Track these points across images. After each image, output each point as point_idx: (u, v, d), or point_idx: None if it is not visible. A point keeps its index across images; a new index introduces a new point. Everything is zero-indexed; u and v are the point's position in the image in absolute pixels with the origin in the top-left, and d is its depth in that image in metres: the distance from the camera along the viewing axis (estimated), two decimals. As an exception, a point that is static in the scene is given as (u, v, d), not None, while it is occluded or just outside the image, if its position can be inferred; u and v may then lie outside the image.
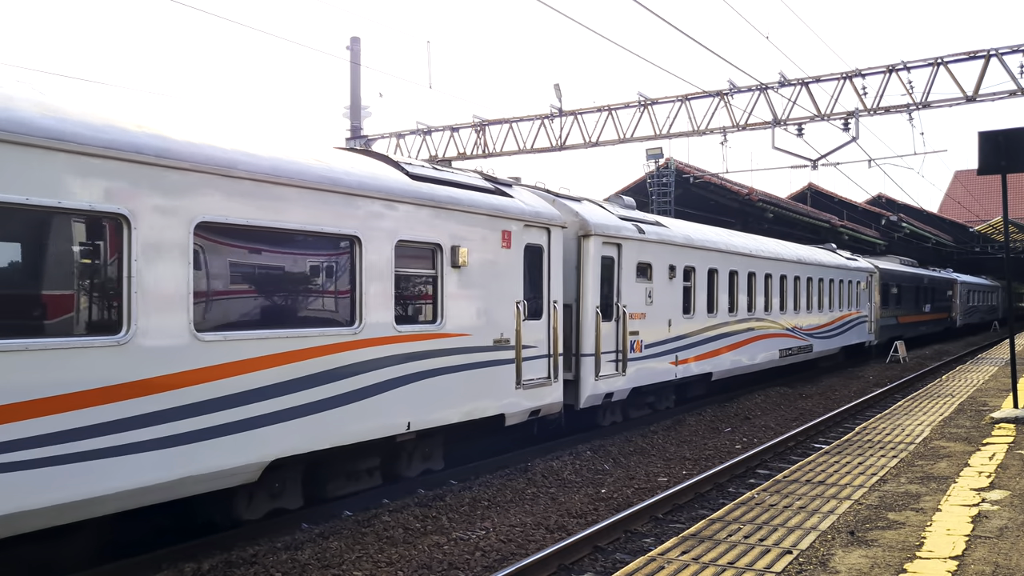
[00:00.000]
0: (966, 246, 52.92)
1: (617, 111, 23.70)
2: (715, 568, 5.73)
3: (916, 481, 8.29)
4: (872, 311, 29.78)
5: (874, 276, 30.18)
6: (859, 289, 28.06)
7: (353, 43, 26.56)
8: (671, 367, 15.98)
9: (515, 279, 11.51)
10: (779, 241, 23.74)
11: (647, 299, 14.96)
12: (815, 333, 23.84)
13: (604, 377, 13.74)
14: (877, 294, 30.40)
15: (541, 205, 12.40)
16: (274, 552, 7.99)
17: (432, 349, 9.98)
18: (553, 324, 12.26)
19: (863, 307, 28.66)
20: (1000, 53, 19.18)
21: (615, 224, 14.21)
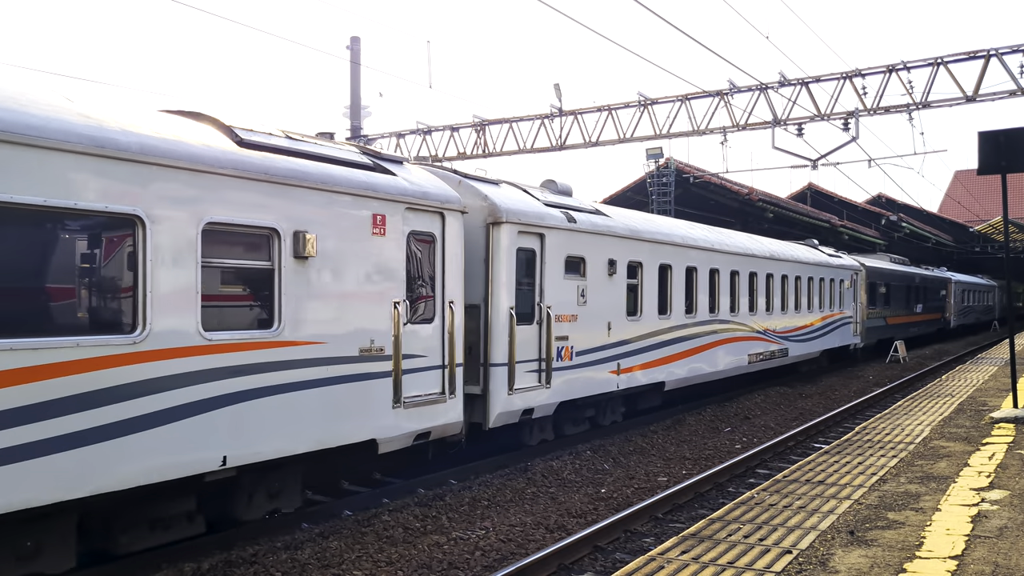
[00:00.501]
0: (966, 246, 52.93)
1: (617, 111, 23.71)
2: (715, 568, 5.73)
3: (916, 481, 8.29)
4: (858, 312, 28.07)
5: (860, 274, 28.62)
6: (843, 288, 26.38)
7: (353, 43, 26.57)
8: (612, 377, 13.96)
9: (393, 274, 9.45)
10: (751, 236, 21.88)
11: (579, 298, 13.01)
12: (792, 336, 22.05)
13: (521, 391, 11.73)
14: (863, 293, 28.89)
15: (432, 185, 10.34)
16: (274, 552, 8.00)
17: (265, 362, 7.92)
18: (449, 329, 10.27)
19: (847, 307, 26.88)
20: (1000, 53, 19.19)
21: (536, 211, 12.21)
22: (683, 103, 22.81)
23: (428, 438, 10.07)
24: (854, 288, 27.70)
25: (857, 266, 28.46)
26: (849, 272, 27.28)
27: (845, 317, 26.69)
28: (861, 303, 28.59)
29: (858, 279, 28.30)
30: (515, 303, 11.61)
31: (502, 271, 11.47)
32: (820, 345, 24.50)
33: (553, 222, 12.47)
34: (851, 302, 27.33)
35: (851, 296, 27.31)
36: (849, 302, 27.11)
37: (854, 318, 27.63)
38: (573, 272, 13.03)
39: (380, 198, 9.32)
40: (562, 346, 12.65)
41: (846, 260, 27.74)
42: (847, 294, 26.88)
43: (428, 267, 10.17)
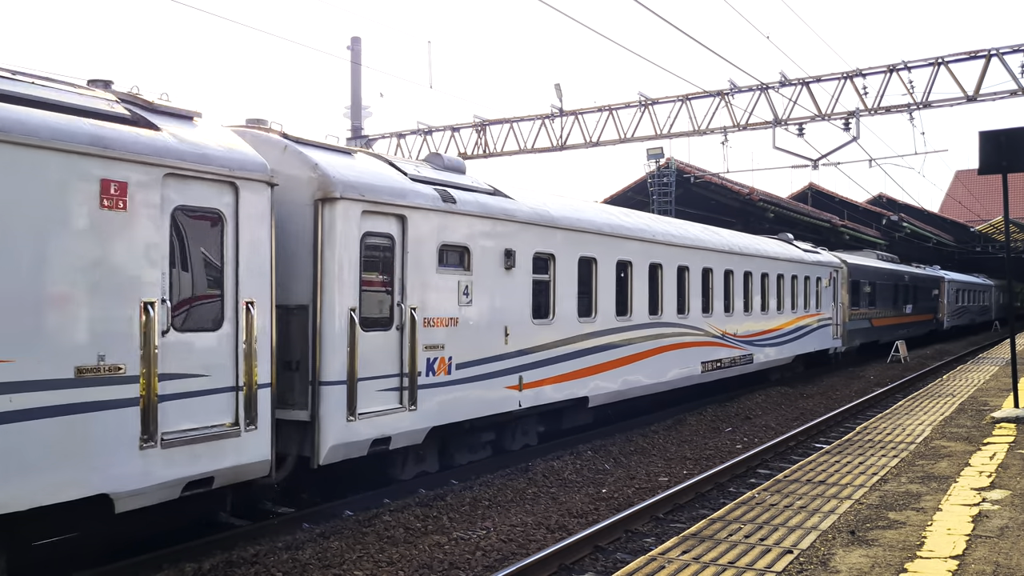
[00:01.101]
0: (967, 246, 52.89)
1: (618, 111, 23.71)
2: (716, 568, 5.73)
3: (917, 481, 8.29)
4: (838, 313, 25.98)
5: (840, 272, 26.50)
6: (821, 287, 24.23)
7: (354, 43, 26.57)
8: (510, 393, 11.55)
9: (142, 265, 7.04)
10: (708, 227, 19.48)
11: (461, 298, 10.62)
12: (758, 340, 19.83)
13: (369, 415, 9.25)
14: (845, 293, 26.96)
15: (219, 145, 7.82)
16: (275, 552, 8.01)
17: None
18: (247, 337, 7.80)
19: (826, 308, 24.68)
20: (1001, 53, 19.18)
21: (393, 186, 9.73)
22: (684, 103, 22.81)
23: (211, 485, 7.51)
24: (834, 287, 25.67)
25: (837, 263, 26.32)
26: (828, 270, 25.04)
27: (823, 319, 24.44)
28: (842, 303, 26.71)
29: (839, 277, 26.31)
30: (359, 303, 9.16)
31: (338, 262, 8.94)
32: (793, 350, 22.30)
33: (420, 201, 9.99)
34: (831, 302, 25.25)
35: (831, 296, 25.25)
36: (828, 302, 24.96)
37: (834, 320, 25.56)
38: (453, 265, 10.58)
39: (117, 158, 6.82)
40: (435, 357, 10.16)
41: (825, 256, 25.53)
42: (826, 294, 24.73)
43: (213, 256, 7.69)
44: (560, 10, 12.41)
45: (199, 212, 7.55)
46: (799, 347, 22.77)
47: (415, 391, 9.84)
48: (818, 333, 24.10)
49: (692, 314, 16.64)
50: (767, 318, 20.41)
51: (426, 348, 10.05)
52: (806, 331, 23.14)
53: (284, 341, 8.77)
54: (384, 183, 9.68)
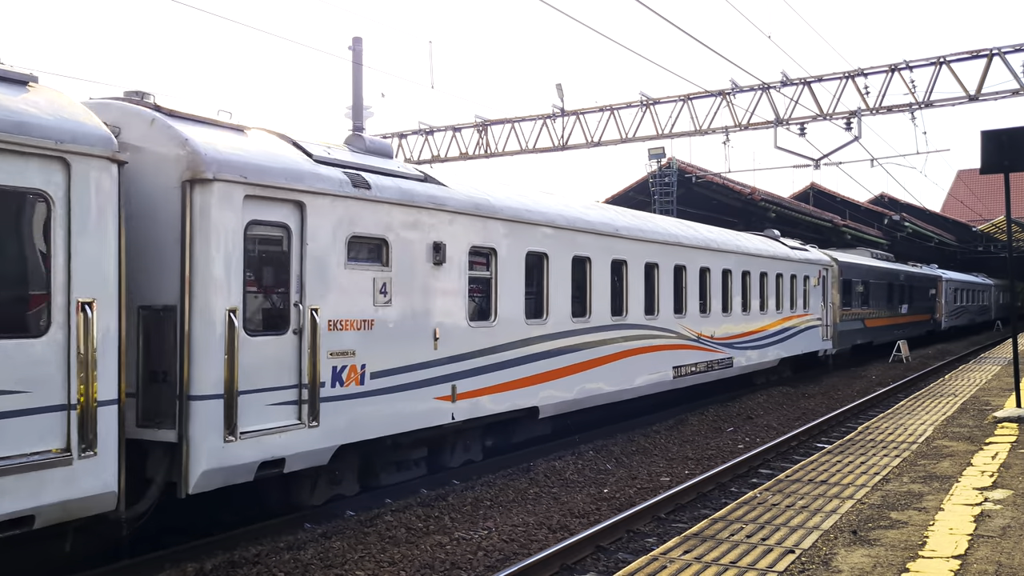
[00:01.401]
0: (969, 245, 52.84)
1: (619, 111, 23.72)
2: (717, 567, 5.73)
3: (919, 480, 8.28)
4: (828, 313, 24.62)
5: (830, 270, 25.25)
6: (809, 286, 23.00)
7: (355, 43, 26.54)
8: (441, 405, 10.30)
9: None
10: (681, 221, 18.41)
11: (378, 297, 9.36)
12: (738, 343, 18.63)
13: (256, 434, 7.89)
14: (836, 292, 25.71)
15: (43, 111, 6.50)
16: (277, 552, 8.01)
17: None
18: (82, 345, 6.48)
19: (815, 308, 23.32)
20: (1002, 52, 19.17)
21: (287, 168, 8.45)
22: (685, 103, 22.80)
23: (31, 525, 6.16)
24: (824, 286, 24.28)
25: (827, 261, 24.94)
26: (816, 268, 23.60)
27: (812, 320, 23.07)
28: (833, 303, 25.53)
29: (828, 276, 25.05)
30: (243, 304, 7.87)
31: (212, 255, 7.65)
32: (778, 352, 20.91)
33: (324, 186, 8.73)
34: (819, 302, 23.89)
35: (820, 295, 23.90)
36: (817, 302, 23.63)
37: (824, 320, 24.31)
38: (366, 259, 9.34)
39: None
40: (343, 365, 8.89)
41: (814, 254, 24.17)
42: (814, 293, 23.39)
43: (36, 248, 6.41)
44: (561, 10, 12.41)
45: (14, 193, 6.17)
46: (784, 349, 21.37)
47: (316, 405, 8.46)
48: (806, 335, 22.75)
49: (663, 315, 15.42)
50: (748, 319, 19.13)
51: (332, 355, 8.73)
52: (792, 332, 21.76)
53: (151, 348, 7.63)
54: (276, 164, 8.35)
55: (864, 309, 29.11)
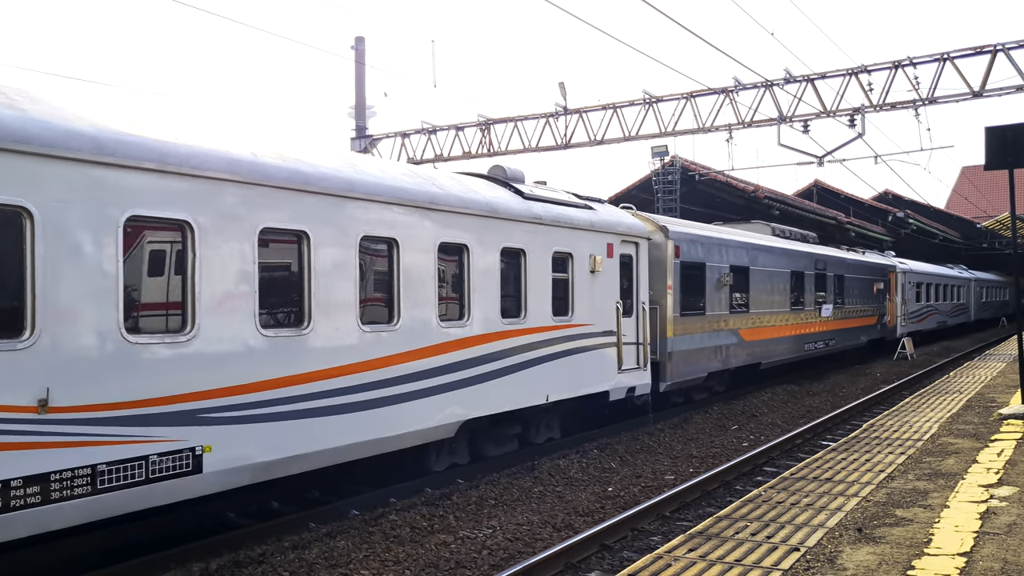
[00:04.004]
0: (974, 242, 52.74)
1: (622, 109, 23.69)
2: (722, 566, 5.72)
3: (924, 478, 8.26)
4: (640, 320, 14.76)
5: (648, 246, 15.14)
6: (583, 271, 13.12)
7: (358, 43, 26.59)
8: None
9: None
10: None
11: None
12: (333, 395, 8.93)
13: None
14: (669, 284, 15.97)
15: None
16: (282, 551, 8.02)
17: None
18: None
19: (605, 312, 13.60)
20: (1007, 48, 19.11)
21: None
22: (688, 101, 22.77)
23: None
24: (634, 272, 14.70)
25: (640, 229, 14.85)
26: (603, 239, 13.64)
27: (595, 334, 13.33)
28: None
29: (640, 255, 14.87)
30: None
31: None
32: (468, 405, 10.67)
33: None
34: (621, 301, 14.09)
35: (617, 288, 14.08)
36: (608, 302, 13.71)
37: (635, 332, 14.63)
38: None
39: None
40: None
41: (606, 214, 14.04)
42: (606, 287, 13.71)
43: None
44: (564, 8, 12.40)
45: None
46: (494, 396, 11.12)
47: None
48: (579, 361, 12.88)
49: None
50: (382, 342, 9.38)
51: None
52: (540, 359, 12.05)
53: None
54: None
55: (739, 313, 18.94)
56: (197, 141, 7.64)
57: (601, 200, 15.05)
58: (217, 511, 8.71)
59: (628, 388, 14.24)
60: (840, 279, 26.31)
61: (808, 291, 23.63)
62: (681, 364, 16.45)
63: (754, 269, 20.10)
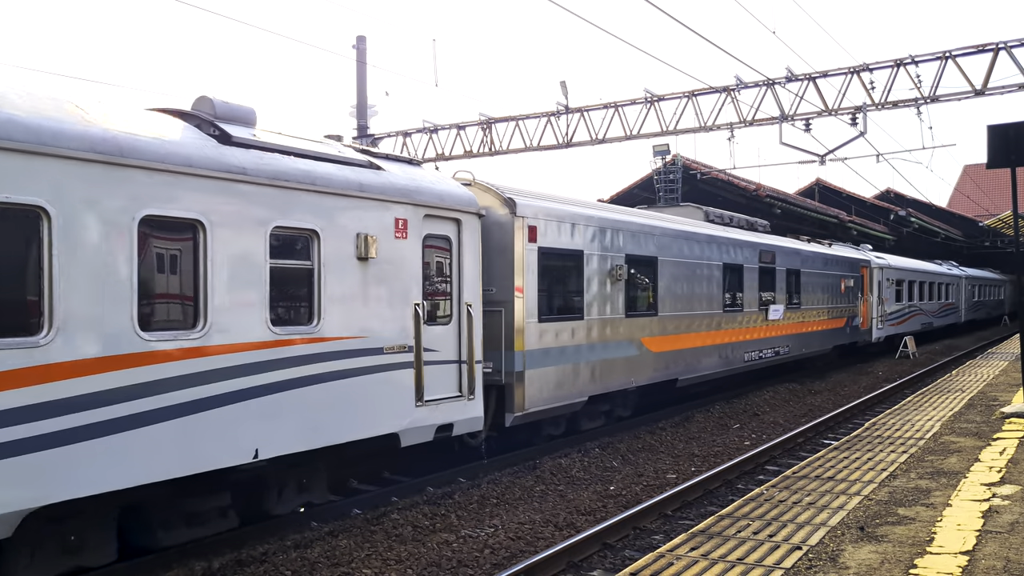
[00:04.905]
0: (976, 240, 52.69)
1: (624, 108, 23.67)
2: (724, 564, 5.72)
3: (926, 476, 8.26)
4: (465, 333, 10.64)
5: (466, 227, 10.77)
6: (380, 267, 9.36)
7: (359, 42, 26.58)
8: None
9: None
10: None
11: None
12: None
13: None
14: (524, 276, 11.91)
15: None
16: (284, 550, 8.03)
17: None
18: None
19: (391, 325, 9.48)
20: (1009, 46, 19.08)
21: None
22: (690, 99, 22.75)
23: None
24: (453, 263, 10.60)
25: (465, 200, 10.79)
26: (412, 214, 9.88)
27: (352, 352, 8.96)
28: (468, 307, 10.71)
29: (466, 237, 10.78)
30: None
31: None
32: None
33: None
34: (408, 301, 9.74)
35: (418, 283, 9.95)
36: (399, 304, 9.63)
37: (453, 351, 10.58)
38: None
39: None
40: None
41: (411, 179, 10.09)
42: (394, 282, 9.58)
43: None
44: (566, 7, 12.38)
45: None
46: (118, 462, 6.80)
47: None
48: (330, 394, 8.64)
49: None
50: None
51: None
52: (238, 395, 7.74)
53: None
54: None
55: (638, 316, 14.70)
56: None
57: (409, 160, 10.86)
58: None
59: (439, 426, 10.07)
60: (795, 275, 21.99)
61: (749, 289, 19.21)
62: (542, 387, 12.17)
63: (665, 260, 15.70)
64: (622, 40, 14.95)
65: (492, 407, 11.65)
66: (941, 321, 39.47)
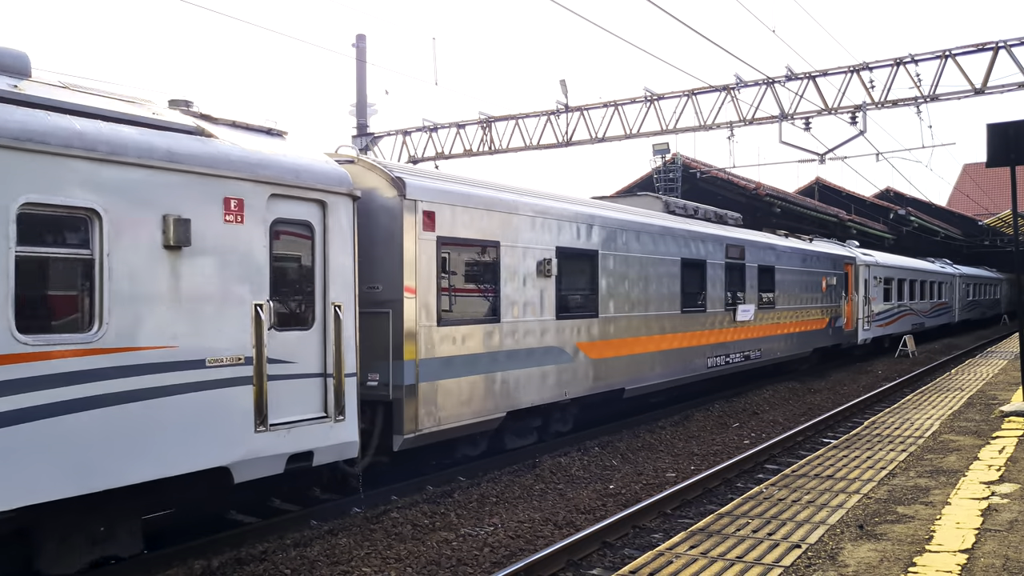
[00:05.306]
0: (975, 239, 52.73)
1: (623, 106, 23.68)
2: (723, 562, 5.73)
3: (925, 475, 8.26)
4: (332, 340, 8.55)
5: (334, 211, 8.65)
6: (202, 259, 7.41)
7: (359, 40, 26.58)
8: None
9: None
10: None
11: None
12: None
13: None
14: (416, 271, 10.04)
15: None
16: (283, 549, 8.04)
17: None
18: None
19: (220, 331, 7.51)
20: (1008, 45, 19.09)
21: None
22: (689, 98, 22.75)
23: None
24: (317, 254, 8.57)
25: (334, 177, 8.76)
26: (253, 193, 7.87)
27: (153, 367, 6.98)
28: (335, 307, 8.57)
29: (330, 223, 8.63)
30: None
31: None
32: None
33: None
34: (245, 300, 7.77)
35: (264, 278, 7.93)
36: (233, 304, 7.66)
37: (316, 362, 8.49)
38: None
39: None
40: None
41: (252, 150, 8.03)
42: (225, 276, 7.60)
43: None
44: (566, 6, 12.38)
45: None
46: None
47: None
48: (115, 421, 6.68)
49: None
50: None
51: None
52: None
53: None
54: None
55: (573, 318, 12.93)
56: None
57: (268, 130, 8.81)
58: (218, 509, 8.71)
59: (291, 456, 8.09)
60: (768, 272, 20.17)
61: (714, 287, 17.48)
62: (444, 402, 10.41)
63: (609, 255, 13.91)
64: (622, 39, 14.95)
65: (379, 428, 9.83)
66: (933, 321, 38.17)
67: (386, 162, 10.48)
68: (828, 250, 24.96)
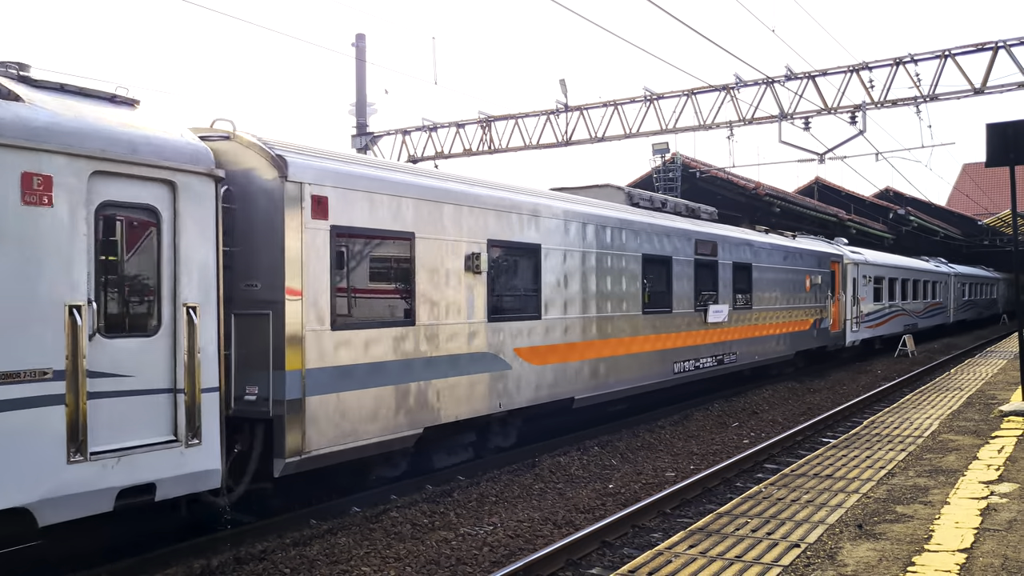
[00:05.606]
0: (975, 239, 52.74)
1: (623, 106, 23.68)
2: (723, 562, 5.73)
3: (924, 474, 8.27)
4: (182, 349, 7.25)
5: (187, 194, 7.32)
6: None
7: (359, 40, 26.57)
8: None
9: None
10: None
11: None
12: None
13: None
14: (305, 266, 8.58)
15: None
16: (283, 548, 8.04)
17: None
18: None
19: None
20: (1008, 45, 19.09)
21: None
22: (689, 98, 22.75)
23: None
24: (164, 245, 7.21)
25: (184, 151, 7.36)
26: (59, 167, 6.38)
27: None
28: (187, 308, 7.26)
29: (182, 208, 7.27)
30: None
31: None
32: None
33: None
34: (51, 301, 6.34)
35: (82, 274, 6.53)
36: (35, 314, 6.21)
37: (164, 376, 7.18)
38: None
39: None
40: None
41: (97, 120, 6.81)
42: (19, 278, 6.13)
43: None
44: (565, 6, 12.38)
45: None
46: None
47: None
48: None
49: None
50: None
51: None
52: None
53: None
54: None
55: (506, 320, 11.56)
56: None
57: (106, 95, 7.29)
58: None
59: (123, 490, 6.70)
60: (745, 270, 18.87)
61: (681, 286, 16.09)
62: (340, 420, 8.92)
63: (553, 250, 12.50)
64: (622, 39, 14.95)
65: (258, 451, 8.35)
66: (927, 322, 36.66)
67: (268, 138, 8.74)
68: (813, 247, 23.69)
